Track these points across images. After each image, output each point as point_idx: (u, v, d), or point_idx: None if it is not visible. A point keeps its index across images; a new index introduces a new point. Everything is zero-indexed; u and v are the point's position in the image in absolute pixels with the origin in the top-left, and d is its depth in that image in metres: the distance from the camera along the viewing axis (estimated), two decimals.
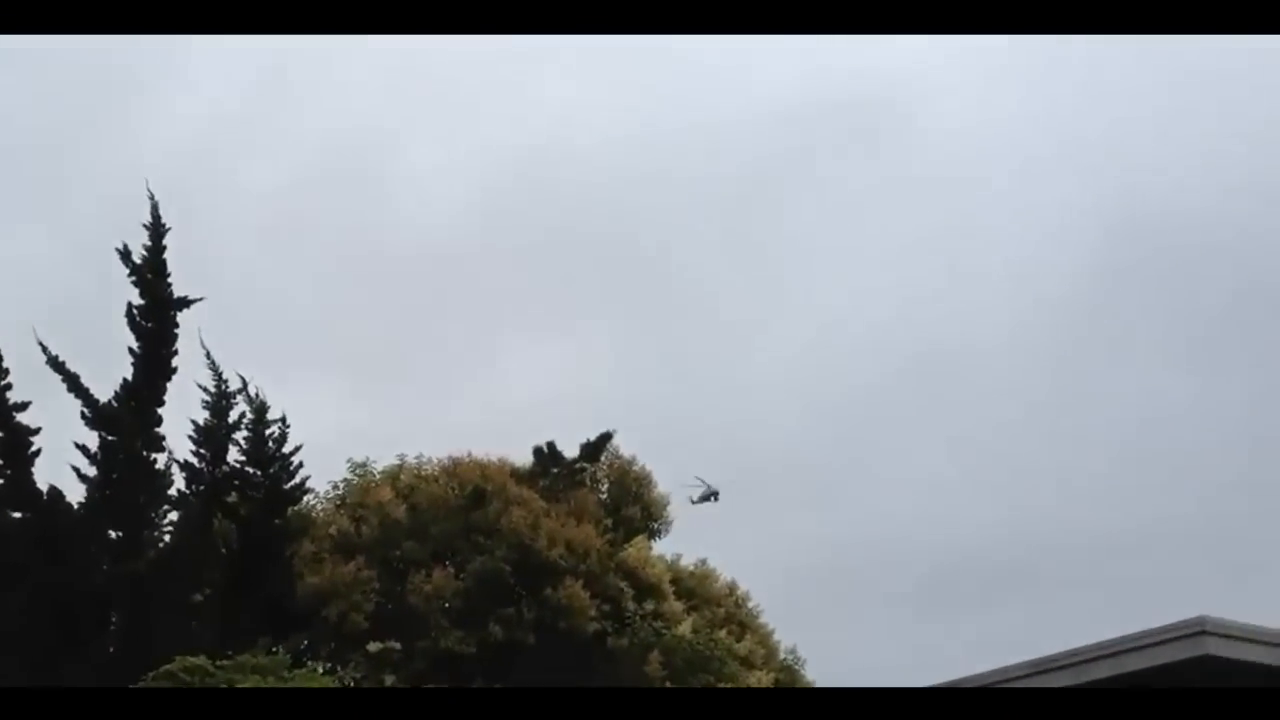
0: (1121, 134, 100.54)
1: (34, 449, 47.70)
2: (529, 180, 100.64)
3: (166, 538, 49.88)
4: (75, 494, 47.88)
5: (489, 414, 79.79)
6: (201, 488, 50.60)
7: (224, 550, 49.94)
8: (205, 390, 51.18)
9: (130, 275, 49.63)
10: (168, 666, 36.34)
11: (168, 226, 50.36)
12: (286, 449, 51.75)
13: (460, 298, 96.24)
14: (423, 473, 55.68)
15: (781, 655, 59.49)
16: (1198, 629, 26.59)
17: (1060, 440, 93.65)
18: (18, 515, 47.39)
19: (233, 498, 50.82)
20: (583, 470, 58.20)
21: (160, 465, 49.59)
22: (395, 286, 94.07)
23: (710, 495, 66.14)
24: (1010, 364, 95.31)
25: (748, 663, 54.46)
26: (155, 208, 50.31)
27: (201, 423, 51.10)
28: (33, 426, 47.60)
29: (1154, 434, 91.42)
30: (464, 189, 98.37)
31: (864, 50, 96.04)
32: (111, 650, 46.85)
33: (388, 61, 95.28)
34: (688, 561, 59.88)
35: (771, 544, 76.10)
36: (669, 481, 59.47)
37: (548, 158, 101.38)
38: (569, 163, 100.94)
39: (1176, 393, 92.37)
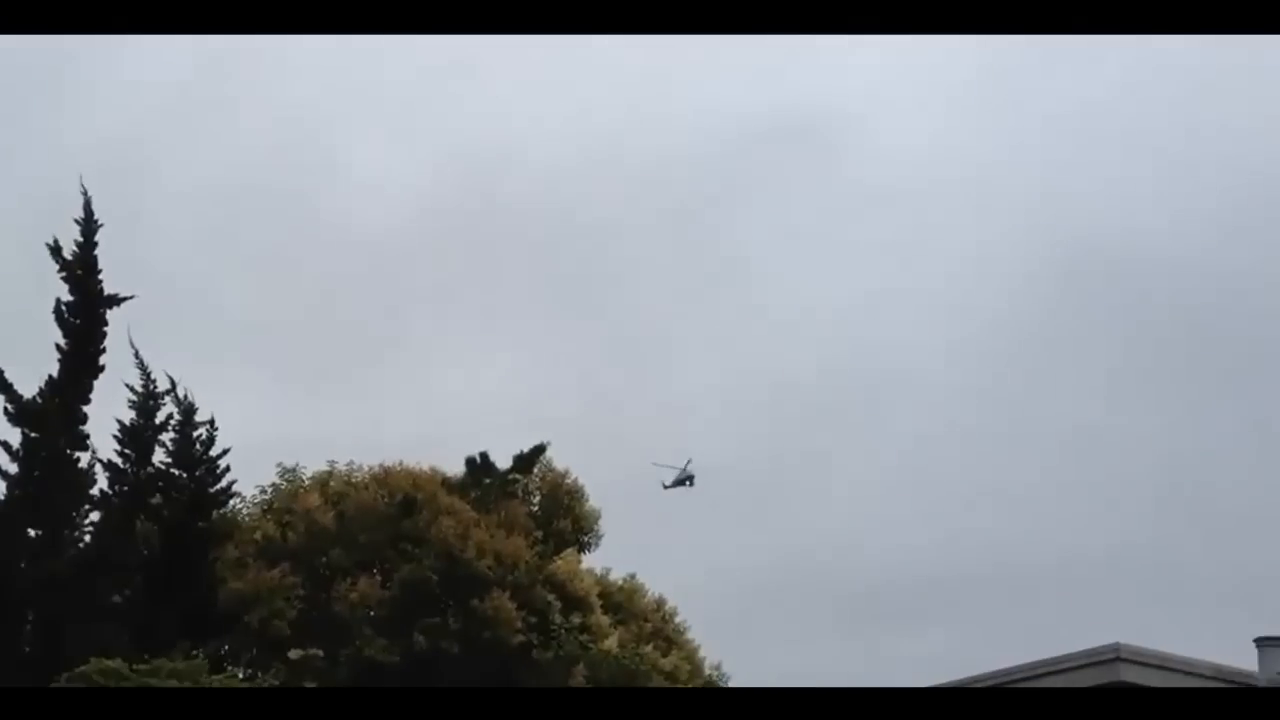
0: (1066, 159, 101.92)
1: None
2: (471, 184, 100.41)
3: (87, 538, 49.32)
4: None
5: (424, 417, 79.47)
6: (125, 489, 50.08)
7: (145, 552, 49.38)
8: (132, 390, 50.73)
9: (60, 271, 49.08)
10: (83, 669, 35.89)
11: (100, 222, 49.91)
12: (214, 452, 51.38)
13: (398, 299, 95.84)
14: (353, 480, 55.27)
15: (707, 672, 59.48)
16: (1113, 655, 26.89)
17: (992, 462, 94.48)
18: None
19: (156, 499, 50.32)
20: (515, 481, 58.03)
21: (84, 464, 49.10)
22: (331, 286, 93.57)
23: (685, 479, 65.27)
24: (946, 383, 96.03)
25: (673, 678, 54.43)
26: (88, 203, 49.82)
27: (127, 422, 50.61)
28: None
29: (1085, 459, 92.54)
30: (404, 190, 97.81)
31: (815, 64, 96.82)
32: (28, 650, 46.18)
33: (327, 60, 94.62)
34: (617, 575, 59.83)
35: (702, 559, 76.29)
36: (601, 494, 59.45)
37: (491, 161, 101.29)
38: (513, 167, 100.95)
39: (1107, 418, 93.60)
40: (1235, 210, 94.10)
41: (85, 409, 48.74)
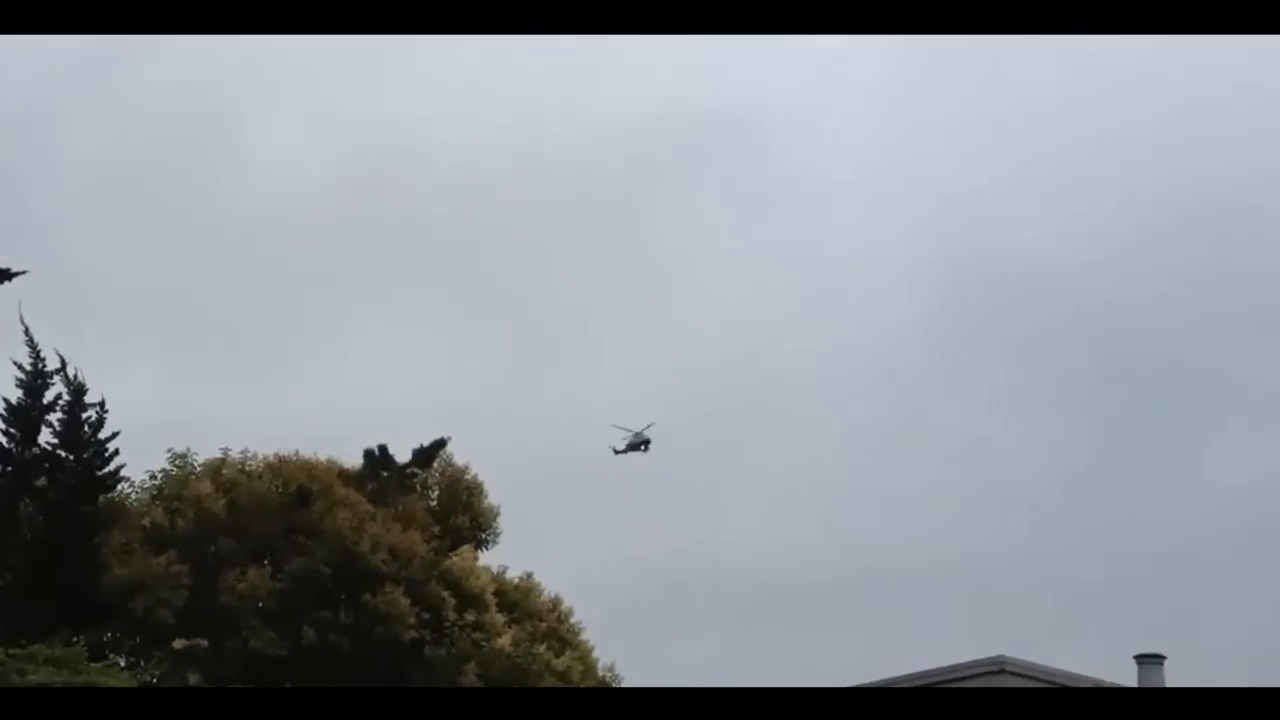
0: (974, 174, 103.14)
1: None
2: (383, 168, 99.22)
3: None
4: None
5: (325, 405, 78.40)
6: (9, 469, 48.68)
7: (28, 536, 48.04)
8: (20, 368, 49.30)
9: None
10: None
11: None
12: (103, 434, 50.06)
13: (303, 280, 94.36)
14: (247, 468, 54.19)
15: (600, 673, 59.25)
16: (997, 668, 27.22)
17: (887, 465, 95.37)
18: None
19: (42, 482, 48.95)
20: (414, 475, 57.35)
21: None
22: (234, 264, 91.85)
23: (641, 444, 63.94)
24: (847, 386, 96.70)
25: (565, 678, 54.10)
26: None
27: (14, 401, 49.19)
28: None
29: (976, 464, 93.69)
30: (313, 170, 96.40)
31: (736, 63, 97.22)
32: None
33: (238, 40, 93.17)
34: (514, 574, 59.33)
35: (602, 556, 76.16)
36: (501, 490, 58.92)
37: (406, 147, 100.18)
38: (428, 153, 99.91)
39: (1004, 428, 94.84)
40: (1132, 221, 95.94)
41: None
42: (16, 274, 48.06)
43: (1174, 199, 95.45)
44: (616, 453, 64.62)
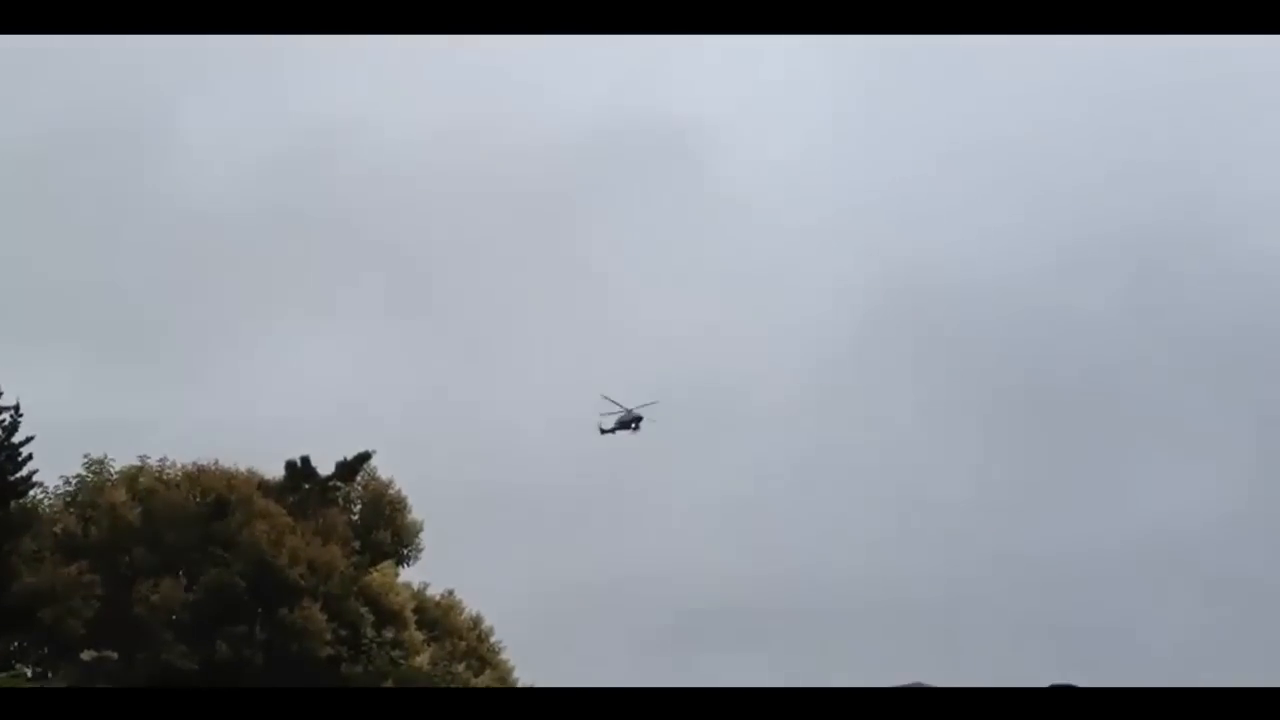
0: (906, 195, 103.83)
1: None
2: (320, 169, 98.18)
3: None
4: None
5: (249, 411, 77.14)
6: None
7: None
8: None
9: None
10: None
11: None
12: (16, 438, 48.78)
13: (229, 282, 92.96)
14: (164, 476, 53.05)
15: None
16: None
17: (811, 491, 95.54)
18: None
19: None
20: (336, 489, 56.51)
21: None
22: (158, 265, 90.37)
23: (631, 423, 59.64)
24: (775, 410, 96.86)
25: None
26: None
27: None
28: None
29: (901, 489, 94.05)
30: (246, 167, 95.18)
31: (681, 88, 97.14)
32: None
33: (169, 40, 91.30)
34: (435, 591, 58.65)
35: (526, 575, 75.47)
36: (424, 505, 58.20)
37: (344, 148, 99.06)
38: (360, 158, 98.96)
39: (927, 449, 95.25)
40: (1063, 245, 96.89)
41: None
42: None
43: (1104, 226, 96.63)
44: (603, 432, 60.26)
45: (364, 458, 56.54)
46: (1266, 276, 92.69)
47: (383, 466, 57.59)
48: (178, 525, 51.24)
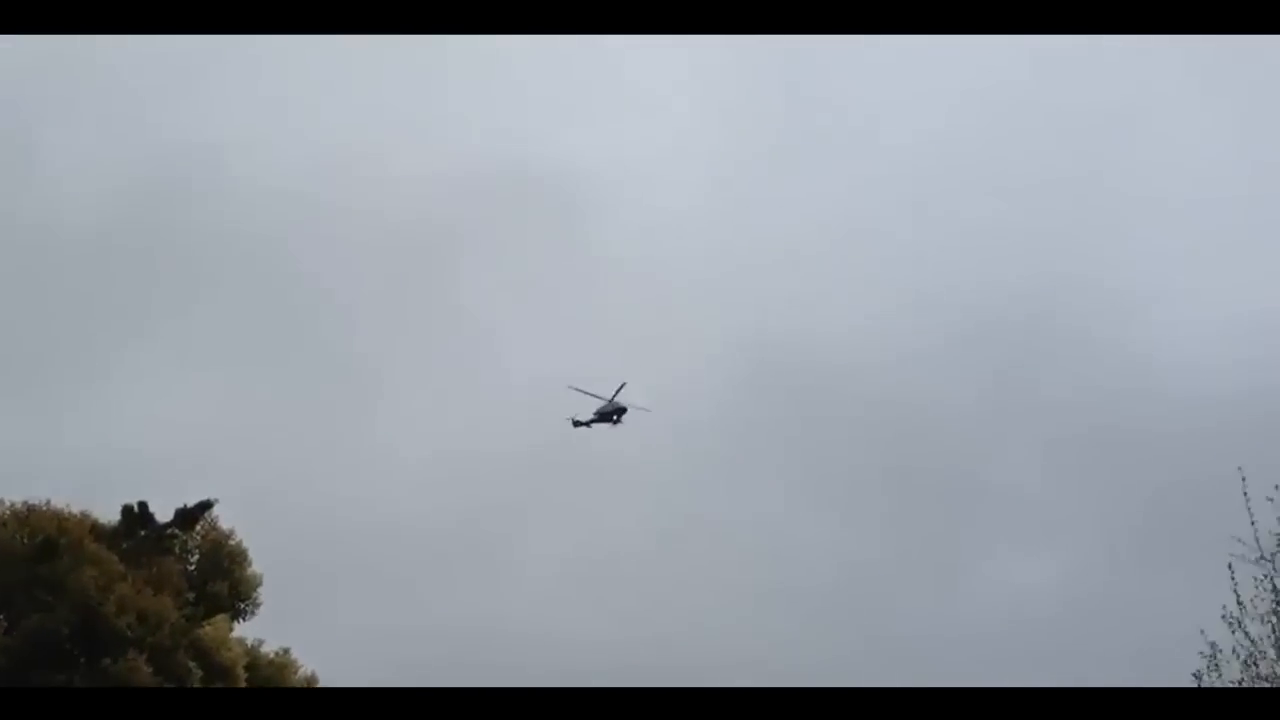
0: (791, 268, 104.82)
1: None
2: (182, 197, 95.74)
3: None
4: None
5: (89, 449, 74.62)
6: None
7: None
8: None
9: None
10: None
11: None
12: None
13: (76, 311, 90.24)
14: None
15: None
16: None
17: (671, 557, 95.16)
18: None
19: None
20: (174, 537, 54.73)
21: None
22: (9, 292, 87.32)
23: (613, 415, 51.75)
24: (641, 473, 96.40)
25: None
26: None
27: None
28: None
29: (762, 560, 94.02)
30: (102, 195, 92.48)
31: (572, 138, 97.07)
32: None
33: (35, 59, 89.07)
34: (270, 648, 56.84)
35: (363, 635, 73.75)
36: (265, 557, 56.62)
37: (209, 176, 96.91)
38: (234, 186, 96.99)
39: (790, 520, 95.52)
40: (938, 329, 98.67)
41: None
42: None
43: (978, 314, 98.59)
44: (577, 425, 54.11)
45: (205, 506, 54.97)
46: (1126, 372, 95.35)
47: (231, 511, 56.08)
48: (2, 566, 49.14)
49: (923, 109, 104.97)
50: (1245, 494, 26.48)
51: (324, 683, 57.95)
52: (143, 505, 53.60)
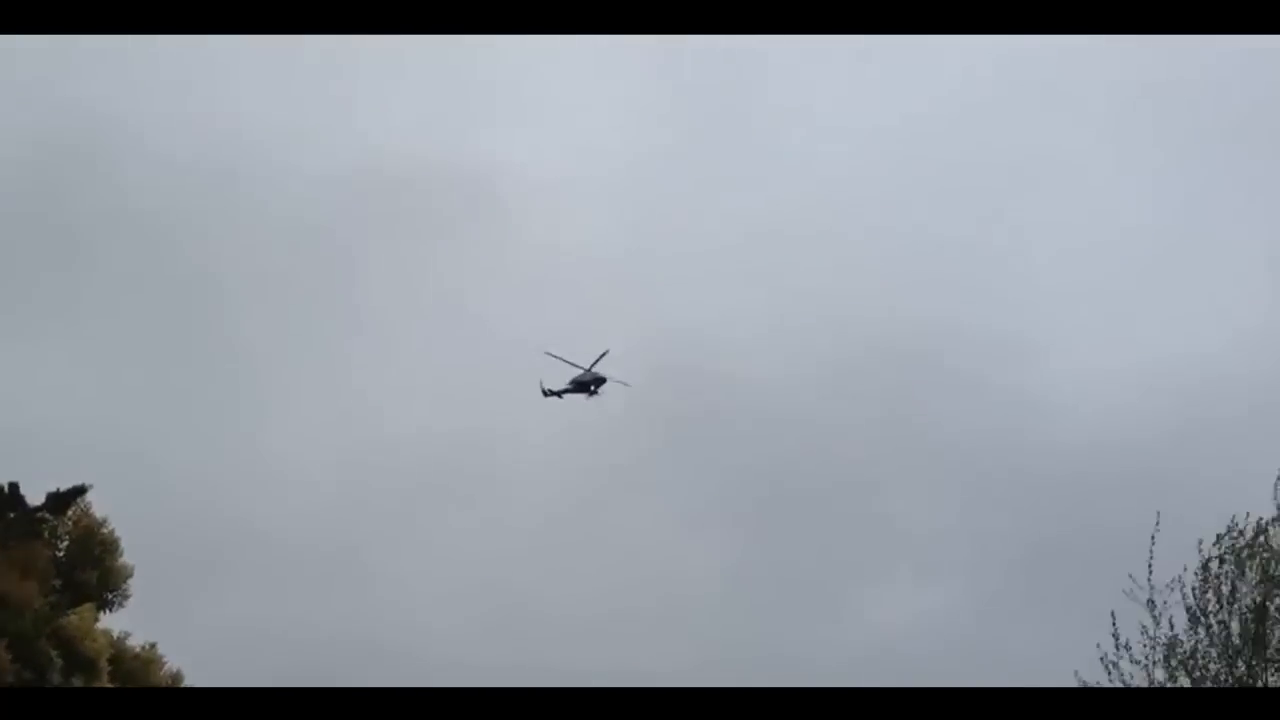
0: (696, 289, 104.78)
1: None
2: (69, 174, 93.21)
3: None
4: None
5: None
6: None
7: None
8: None
9: None
10: None
11: None
12: None
13: None
14: None
15: None
16: None
17: (556, 567, 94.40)
18: None
19: None
20: (44, 521, 53.00)
21: None
22: None
23: (590, 385, 46.64)
24: (531, 481, 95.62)
25: None
26: None
27: None
28: None
29: (648, 582, 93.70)
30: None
31: (487, 139, 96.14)
32: None
33: None
34: (137, 641, 55.23)
35: (235, 633, 72.17)
36: (138, 549, 55.05)
37: (99, 152, 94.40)
38: (130, 166, 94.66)
39: (676, 542, 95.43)
40: (832, 358, 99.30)
41: None
42: None
43: (875, 343, 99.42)
44: (548, 394, 49.63)
45: (79, 491, 53.34)
46: (1016, 414, 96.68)
47: (107, 499, 54.52)
48: None
49: (840, 128, 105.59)
50: (1153, 538, 27.25)
51: (189, 680, 56.58)
52: (13, 486, 51.87)
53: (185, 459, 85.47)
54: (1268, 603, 26.14)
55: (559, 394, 51.63)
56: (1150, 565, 27.13)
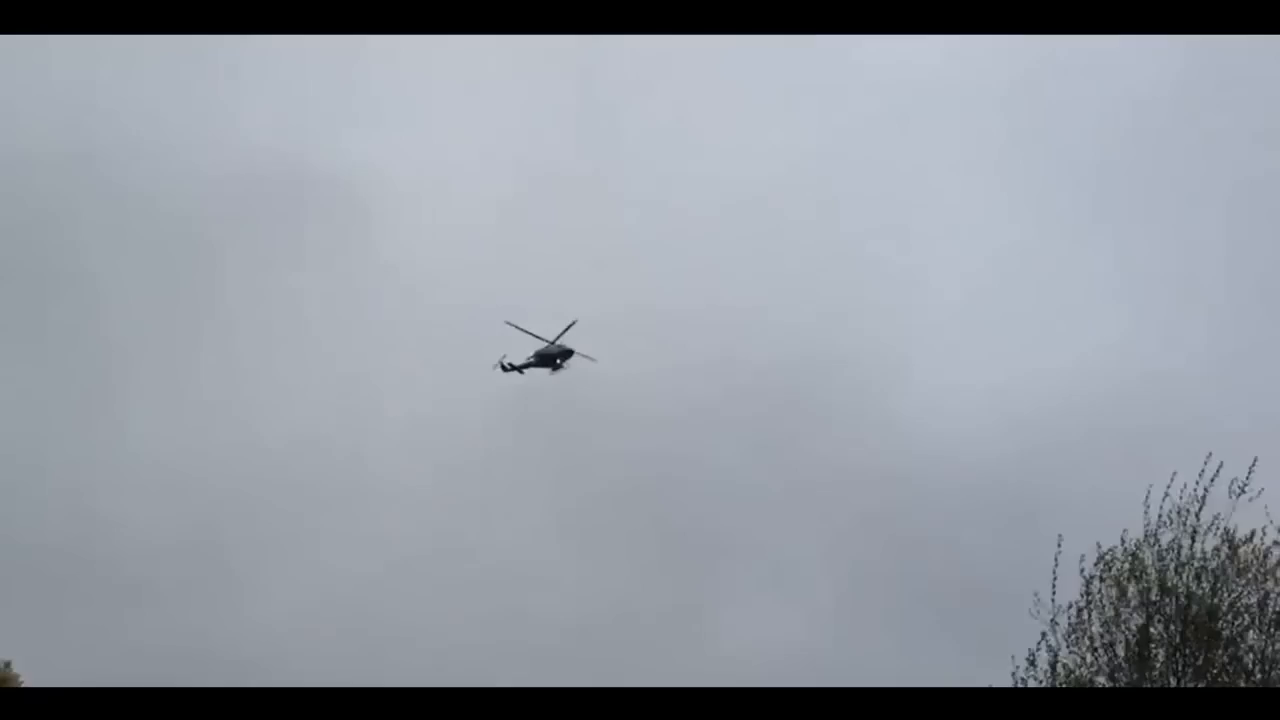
0: (570, 298, 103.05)
1: None
2: None
3: None
4: None
5: None
6: None
7: None
8: None
9: None
10: None
11: None
12: None
13: None
14: None
15: None
16: None
17: (423, 585, 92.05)
18: None
19: None
20: None
21: None
22: None
23: (554, 359, 43.24)
24: (399, 494, 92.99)
25: None
26: None
27: None
28: None
29: (512, 598, 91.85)
30: None
31: (355, 143, 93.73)
32: None
33: None
34: None
35: (91, 652, 68.93)
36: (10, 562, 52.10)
37: None
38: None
39: (542, 560, 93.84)
40: (700, 377, 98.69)
41: None
42: None
43: (744, 370, 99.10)
44: (507, 370, 46.05)
45: None
46: (886, 443, 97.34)
47: None
48: None
49: (713, 145, 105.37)
50: (1056, 559, 27.69)
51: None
52: None
53: (43, 461, 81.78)
54: (1150, 626, 26.46)
55: (519, 369, 48.83)
56: (1054, 587, 27.47)
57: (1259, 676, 25.01)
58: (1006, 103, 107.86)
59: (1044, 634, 26.31)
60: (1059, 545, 27.94)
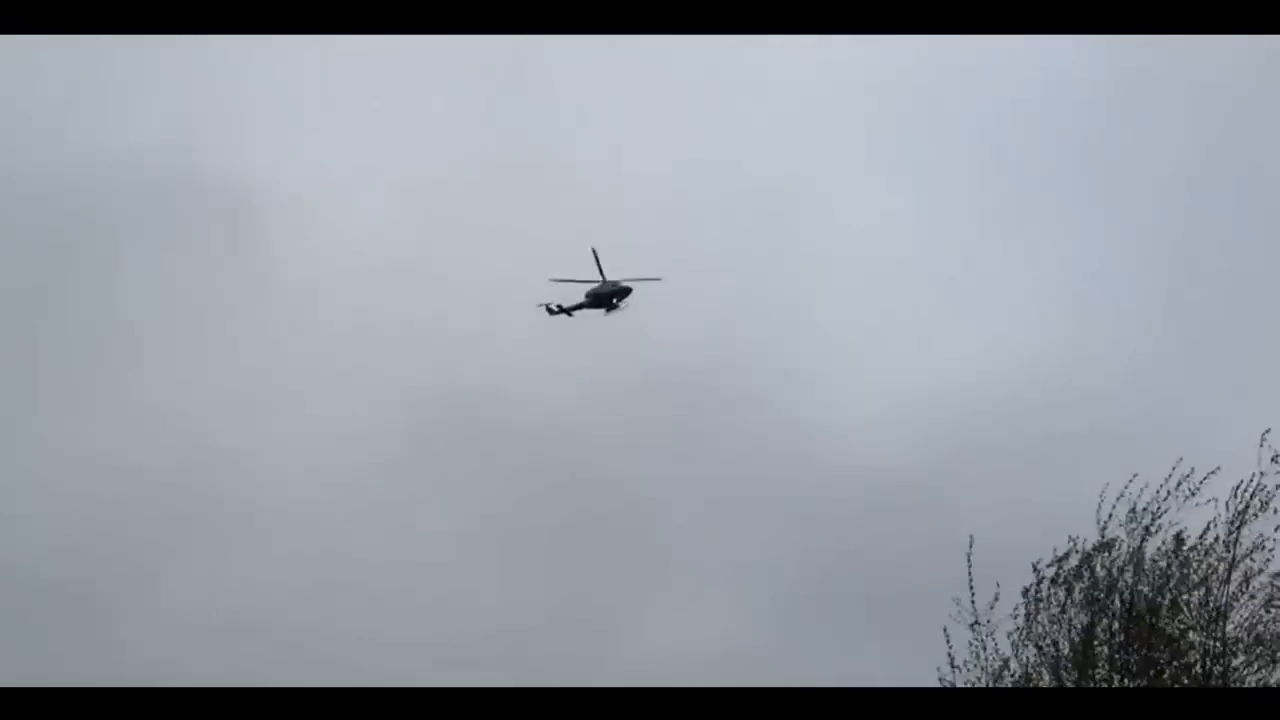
0: (480, 305, 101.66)
1: None
2: None
3: None
4: None
5: None
6: None
7: None
8: None
9: None
10: None
11: None
12: None
13: None
14: None
15: None
16: None
17: (327, 601, 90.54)
18: None
19: None
20: None
21: None
22: None
23: (611, 297, 40.69)
24: (298, 509, 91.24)
25: None
26: None
27: None
28: None
29: (432, 608, 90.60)
30: None
31: (255, 147, 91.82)
32: None
33: None
34: None
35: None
36: None
37: None
38: None
39: (463, 569, 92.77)
40: (620, 380, 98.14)
41: None
42: None
43: (656, 368, 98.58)
44: (555, 313, 43.08)
45: None
46: (796, 439, 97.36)
47: None
48: None
49: (632, 139, 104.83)
50: (969, 559, 27.65)
51: None
52: None
53: None
54: (1095, 625, 26.91)
55: (569, 311, 46.75)
56: (972, 588, 27.36)
57: (1199, 672, 25.64)
58: (923, 100, 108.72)
59: (974, 628, 26.51)
60: (970, 547, 27.73)
